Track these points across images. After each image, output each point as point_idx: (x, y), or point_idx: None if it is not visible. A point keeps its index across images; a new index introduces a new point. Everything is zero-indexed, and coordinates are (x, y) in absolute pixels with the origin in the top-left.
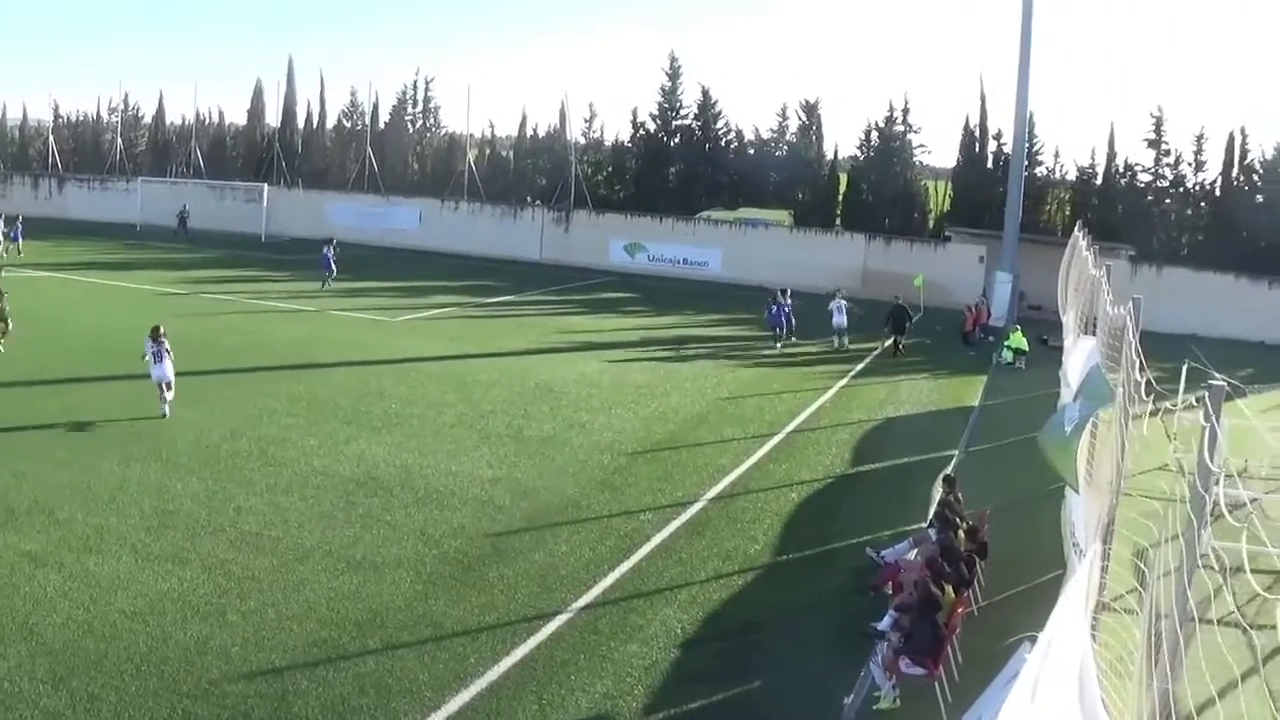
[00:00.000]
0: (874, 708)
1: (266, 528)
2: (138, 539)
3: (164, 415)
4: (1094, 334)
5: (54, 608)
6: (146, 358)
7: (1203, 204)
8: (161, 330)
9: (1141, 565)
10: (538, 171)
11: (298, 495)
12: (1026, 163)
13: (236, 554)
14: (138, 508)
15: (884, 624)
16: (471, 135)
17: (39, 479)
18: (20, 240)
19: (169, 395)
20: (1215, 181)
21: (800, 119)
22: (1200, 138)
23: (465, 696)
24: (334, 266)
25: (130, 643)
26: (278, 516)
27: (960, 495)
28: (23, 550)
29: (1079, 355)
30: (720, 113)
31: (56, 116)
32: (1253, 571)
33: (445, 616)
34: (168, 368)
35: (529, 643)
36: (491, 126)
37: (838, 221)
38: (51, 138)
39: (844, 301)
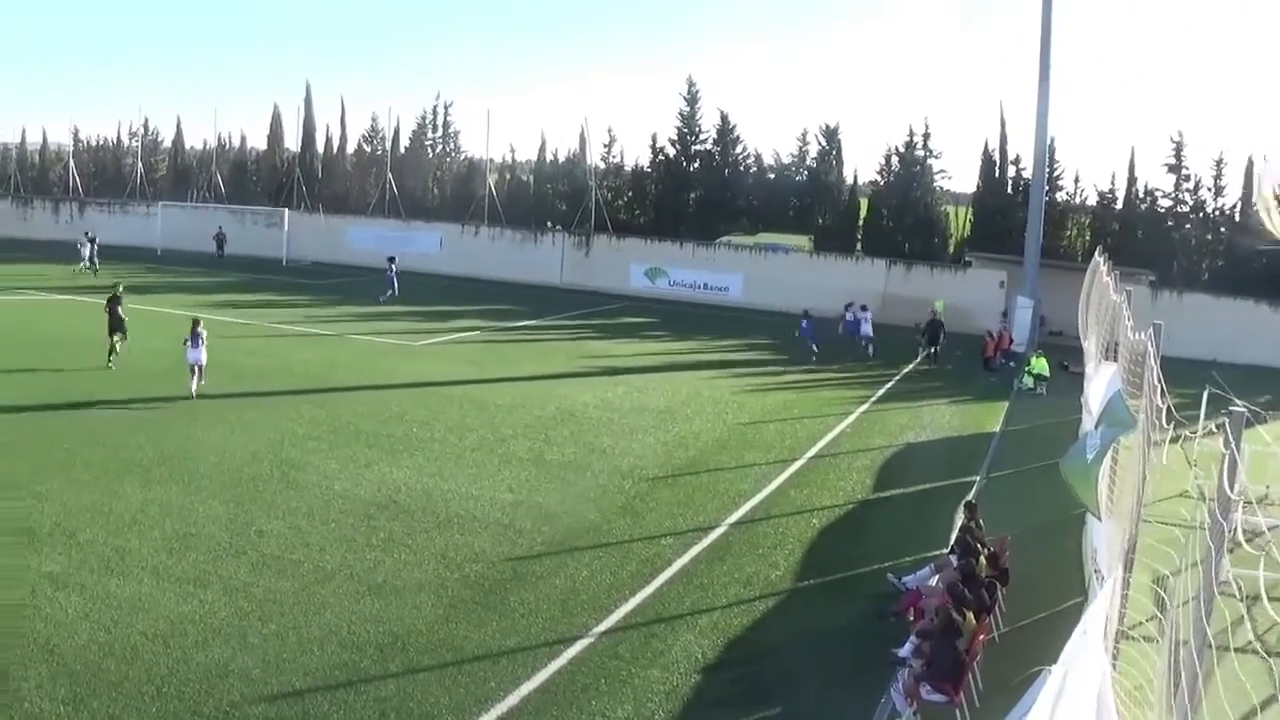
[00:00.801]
0: None
1: (288, 551)
2: (159, 561)
3: (191, 396)
4: (1115, 360)
5: (75, 629)
6: (185, 342)
7: (1223, 229)
8: (200, 322)
9: (1162, 593)
10: (558, 196)
11: (319, 519)
12: (1047, 188)
13: (258, 577)
14: (159, 530)
15: (905, 650)
16: (491, 160)
17: (61, 501)
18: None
19: (199, 380)
20: (1235, 207)
21: (820, 144)
22: (1220, 163)
23: None
24: (396, 284)
25: (151, 665)
26: (299, 540)
27: (981, 521)
28: (44, 572)
29: (1100, 381)
30: (739, 137)
31: (76, 141)
32: (1272, 600)
33: (466, 640)
34: (202, 353)
35: (550, 667)
36: (512, 151)
37: (858, 246)
38: (72, 162)
39: (868, 313)
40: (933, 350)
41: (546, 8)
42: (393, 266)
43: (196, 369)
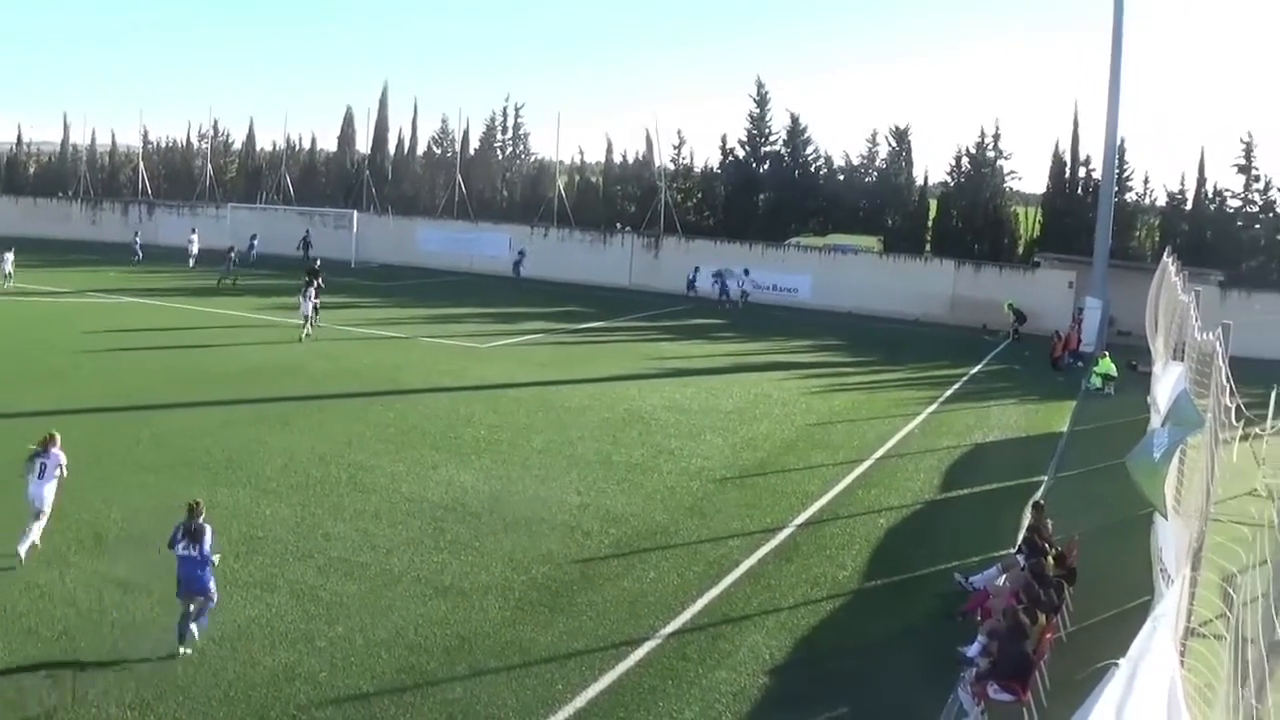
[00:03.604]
0: None
1: (355, 553)
2: (226, 564)
3: (299, 339)
4: (1183, 359)
5: (142, 633)
6: (300, 295)
7: None
8: (310, 283)
9: (1230, 590)
10: (627, 198)
11: (386, 521)
12: (1116, 188)
13: (325, 579)
14: (226, 533)
15: (972, 649)
16: (561, 162)
17: (127, 505)
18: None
19: (306, 329)
20: None
21: (890, 145)
22: None
23: None
24: (522, 271)
25: (218, 669)
26: (366, 542)
27: (1049, 521)
28: (111, 577)
29: (1168, 381)
30: (809, 139)
31: (146, 143)
32: None
33: (533, 643)
34: (309, 305)
35: (617, 669)
36: (581, 153)
37: (927, 247)
38: (141, 164)
39: (751, 277)
40: (1017, 328)
41: (616, 15)
42: (521, 256)
43: (306, 319)
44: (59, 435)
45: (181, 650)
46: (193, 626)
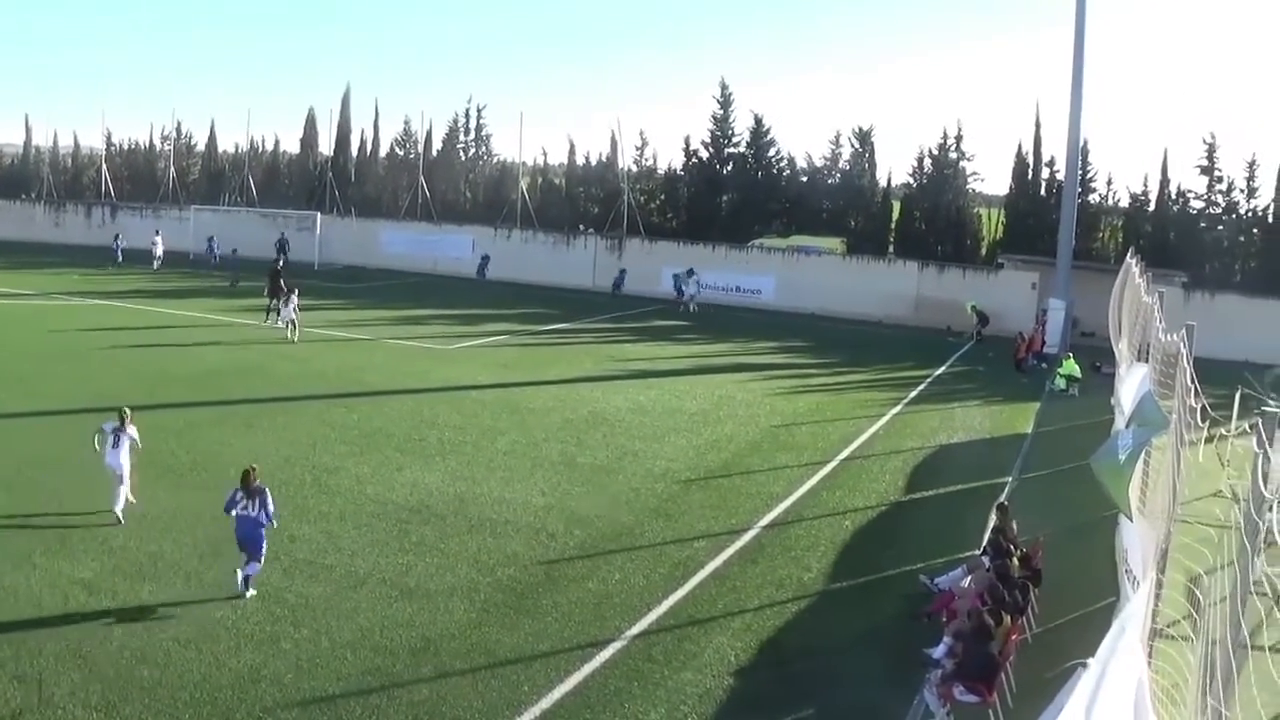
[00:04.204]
0: None
1: (320, 555)
2: (191, 566)
3: (291, 341)
4: (1147, 361)
5: (107, 635)
6: (282, 301)
7: (1255, 230)
8: (295, 290)
9: (1196, 592)
10: (590, 200)
11: (351, 523)
12: (1079, 189)
13: (290, 581)
14: (191, 535)
15: (938, 651)
16: (524, 163)
17: (91, 507)
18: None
19: (293, 331)
20: (1268, 208)
21: (853, 146)
22: (1252, 164)
23: None
24: (486, 273)
25: (183, 670)
26: (331, 544)
27: (1014, 522)
28: (76, 578)
29: (1132, 382)
30: (772, 140)
31: (109, 145)
32: None
33: (499, 644)
34: (290, 310)
35: (583, 670)
36: (544, 154)
37: (890, 249)
38: (104, 166)
39: (695, 276)
40: (979, 330)
41: (579, 17)
42: (485, 261)
43: (289, 324)
44: (130, 412)
45: (248, 594)
46: (249, 590)
